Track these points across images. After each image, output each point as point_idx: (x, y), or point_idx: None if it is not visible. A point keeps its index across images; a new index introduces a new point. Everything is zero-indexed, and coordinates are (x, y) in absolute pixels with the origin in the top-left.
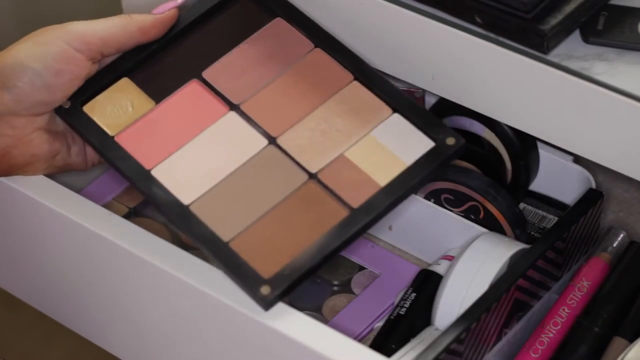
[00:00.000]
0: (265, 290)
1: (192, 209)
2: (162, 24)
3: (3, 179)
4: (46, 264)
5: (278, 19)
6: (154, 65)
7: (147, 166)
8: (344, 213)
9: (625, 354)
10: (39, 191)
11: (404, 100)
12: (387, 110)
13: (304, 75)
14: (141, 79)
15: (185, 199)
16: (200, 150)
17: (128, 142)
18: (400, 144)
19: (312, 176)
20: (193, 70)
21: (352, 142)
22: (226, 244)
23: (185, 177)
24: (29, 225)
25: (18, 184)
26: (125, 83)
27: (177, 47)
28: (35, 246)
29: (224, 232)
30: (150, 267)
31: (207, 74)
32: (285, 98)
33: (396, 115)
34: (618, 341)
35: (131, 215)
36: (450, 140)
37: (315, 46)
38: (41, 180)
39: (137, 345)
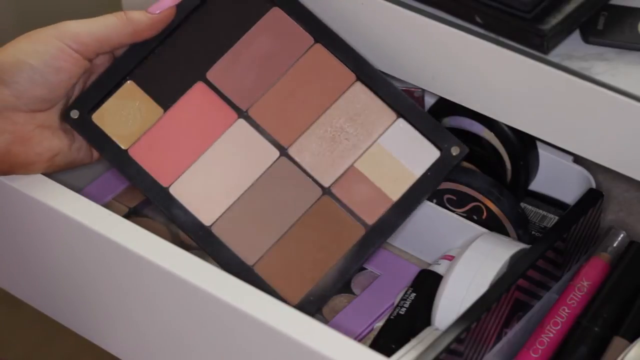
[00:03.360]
0: None
1: (214, 230)
2: (159, 24)
3: (3, 179)
4: (46, 264)
5: (275, 8)
6: (156, 63)
7: (164, 183)
8: (360, 231)
9: (625, 354)
10: (39, 191)
11: (407, 104)
12: (391, 114)
13: (306, 75)
14: (145, 81)
15: (206, 220)
16: (214, 163)
17: (142, 156)
18: (407, 153)
19: (325, 191)
20: (196, 69)
21: (360, 151)
22: (251, 268)
23: (202, 194)
24: (29, 225)
25: (18, 184)
26: (130, 87)
27: (177, 40)
28: (35, 246)
29: (247, 255)
30: (151, 267)
31: (211, 75)
32: (290, 101)
33: (401, 121)
34: (618, 341)
35: (131, 214)
36: (455, 150)
37: (315, 41)
38: (41, 180)
39: (137, 345)
